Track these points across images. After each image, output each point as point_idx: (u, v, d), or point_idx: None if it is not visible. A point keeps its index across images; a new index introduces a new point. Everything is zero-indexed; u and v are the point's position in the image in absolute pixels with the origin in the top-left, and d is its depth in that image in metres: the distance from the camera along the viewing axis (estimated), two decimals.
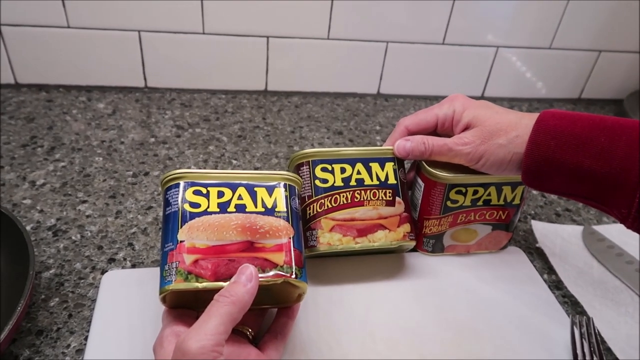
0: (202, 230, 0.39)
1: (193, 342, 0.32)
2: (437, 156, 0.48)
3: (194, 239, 0.38)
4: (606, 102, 0.98)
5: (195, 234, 0.38)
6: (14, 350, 0.41)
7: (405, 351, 0.44)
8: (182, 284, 0.37)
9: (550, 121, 0.42)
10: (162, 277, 0.38)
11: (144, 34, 0.75)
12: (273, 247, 0.39)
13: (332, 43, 0.81)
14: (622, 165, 0.38)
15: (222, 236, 0.38)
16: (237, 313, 0.34)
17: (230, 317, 0.34)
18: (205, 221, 0.39)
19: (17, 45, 0.73)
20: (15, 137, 0.66)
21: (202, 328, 0.33)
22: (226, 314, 0.34)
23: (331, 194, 0.48)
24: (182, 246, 0.38)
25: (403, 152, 0.49)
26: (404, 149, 0.49)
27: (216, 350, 0.32)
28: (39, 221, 0.54)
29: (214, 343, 0.32)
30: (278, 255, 0.39)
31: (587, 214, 0.66)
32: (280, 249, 0.39)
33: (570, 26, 0.86)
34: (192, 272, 0.37)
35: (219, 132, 0.73)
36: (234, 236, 0.39)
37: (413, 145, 0.49)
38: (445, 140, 0.47)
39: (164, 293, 0.37)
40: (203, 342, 0.32)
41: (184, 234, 0.38)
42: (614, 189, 0.39)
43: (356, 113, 0.83)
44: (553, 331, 0.47)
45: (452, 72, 0.88)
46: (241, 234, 0.39)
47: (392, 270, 0.52)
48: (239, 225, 0.39)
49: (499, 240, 0.55)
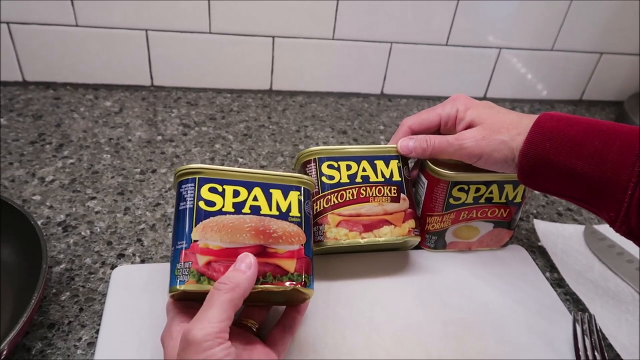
0: (217, 230, 0.38)
1: (197, 330, 0.33)
2: (439, 153, 0.49)
3: (208, 240, 0.38)
4: (607, 104, 0.98)
5: (209, 234, 0.38)
6: (26, 343, 0.42)
7: (411, 346, 0.44)
8: (195, 286, 0.37)
9: (548, 123, 0.42)
10: (173, 275, 0.37)
11: (151, 33, 0.76)
12: (285, 253, 0.39)
13: (337, 43, 0.82)
14: (613, 169, 0.39)
15: (235, 238, 0.38)
16: (238, 299, 0.35)
17: (231, 303, 0.34)
18: (220, 221, 0.39)
19: (25, 43, 0.73)
20: (24, 134, 0.67)
21: (205, 317, 0.33)
22: (227, 301, 0.34)
23: (337, 190, 0.48)
24: (196, 246, 0.38)
25: (406, 150, 0.50)
26: (407, 147, 0.50)
27: (220, 337, 0.33)
28: (49, 217, 0.55)
29: (218, 330, 0.33)
30: (289, 263, 0.39)
31: (588, 213, 0.67)
32: (292, 255, 0.39)
33: (572, 28, 0.87)
34: (205, 274, 0.37)
35: (225, 130, 0.74)
36: (247, 239, 0.39)
37: (416, 144, 0.50)
38: (446, 137, 0.48)
39: (174, 292, 0.37)
40: (207, 330, 0.32)
41: (197, 234, 0.38)
42: (605, 192, 0.40)
43: (360, 113, 0.83)
44: (555, 328, 0.48)
45: (455, 73, 0.89)
46: (254, 238, 0.39)
47: (396, 267, 0.53)
48: (252, 228, 0.39)
49: (501, 237, 0.56)
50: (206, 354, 0.32)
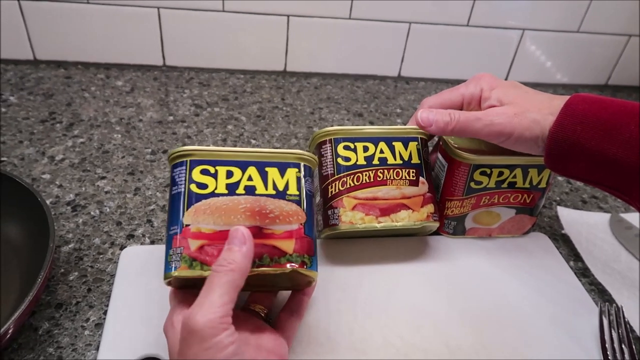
0: (209, 213, 0.36)
1: (199, 317, 0.30)
2: (464, 129, 0.44)
3: (200, 223, 0.36)
4: (634, 89, 0.95)
5: (201, 217, 0.36)
6: (33, 323, 0.41)
7: (429, 335, 0.43)
8: (186, 271, 0.35)
9: (580, 105, 0.40)
10: (166, 261, 0.36)
11: (163, 11, 0.74)
12: (283, 233, 0.37)
13: (353, 23, 0.79)
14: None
15: (229, 220, 0.36)
16: (239, 279, 0.33)
17: (232, 284, 0.32)
18: (212, 204, 0.37)
19: (36, 21, 0.72)
20: (34, 112, 0.66)
21: (207, 301, 0.31)
22: (228, 282, 0.32)
23: (353, 173, 0.47)
24: (188, 230, 0.36)
25: (426, 121, 0.45)
26: (427, 119, 0.45)
27: (224, 321, 0.31)
28: (58, 196, 0.54)
29: (222, 314, 0.31)
30: (287, 243, 0.37)
31: (614, 201, 0.64)
32: (290, 235, 0.37)
33: (600, 9, 0.83)
34: (197, 258, 0.35)
35: (238, 111, 0.72)
36: (242, 221, 0.36)
37: (437, 117, 0.44)
38: (474, 112, 0.44)
39: (168, 279, 0.36)
40: (210, 316, 0.30)
41: (189, 217, 0.36)
42: (639, 179, 0.37)
43: (376, 95, 0.81)
44: (580, 320, 0.46)
45: (475, 55, 0.86)
46: (250, 219, 0.36)
47: (413, 253, 0.51)
48: (247, 209, 0.37)
49: (523, 224, 0.54)
50: (210, 342, 0.30)
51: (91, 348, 0.40)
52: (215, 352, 0.30)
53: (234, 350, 0.31)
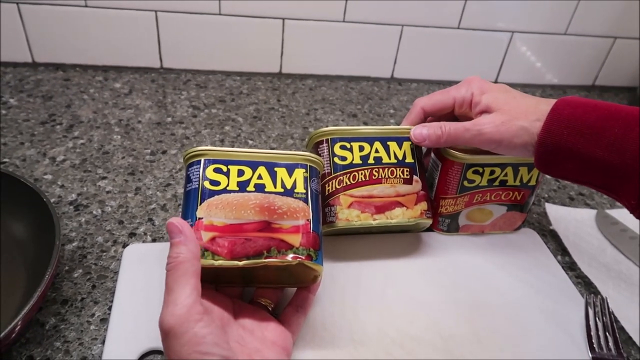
0: (221, 208, 0.39)
1: (167, 317, 0.31)
2: (454, 140, 0.47)
3: (212, 217, 0.38)
4: (620, 90, 0.97)
5: (213, 211, 0.39)
6: (40, 318, 0.42)
7: (423, 325, 0.44)
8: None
9: (566, 109, 0.41)
10: None
11: (160, 14, 0.75)
12: (290, 228, 0.39)
13: (347, 26, 0.81)
14: (634, 156, 0.38)
15: (240, 215, 0.39)
16: (192, 266, 0.34)
17: (187, 273, 0.33)
18: (224, 199, 0.39)
19: (35, 24, 0.73)
20: (34, 114, 0.67)
21: (169, 300, 0.32)
22: (182, 275, 0.33)
23: (350, 171, 0.48)
24: (200, 223, 0.38)
25: (420, 137, 0.48)
26: (420, 134, 0.48)
27: (194, 312, 0.31)
28: (60, 196, 0.55)
29: (188, 307, 0.31)
30: (294, 237, 0.39)
31: (600, 198, 0.66)
32: (297, 230, 0.39)
33: (586, 12, 0.86)
34: (209, 249, 0.37)
35: (235, 112, 0.74)
36: (251, 215, 0.39)
37: (430, 131, 0.48)
38: (462, 123, 0.47)
39: None
40: (176, 312, 0.31)
41: (202, 211, 0.39)
42: (626, 179, 0.39)
43: (370, 96, 0.83)
44: (567, 310, 0.48)
45: (466, 57, 0.88)
46: (259, 214, 0.39)
47: (408, 249, 0.53)
48: (257, 205, 0.39)
49: (514, 221, 0.56)
50: (185, 338, 0.31)
51: (97, 342, 0.41)
52: (193, 345, 0.31)
53: (213, 340, 0.31)
